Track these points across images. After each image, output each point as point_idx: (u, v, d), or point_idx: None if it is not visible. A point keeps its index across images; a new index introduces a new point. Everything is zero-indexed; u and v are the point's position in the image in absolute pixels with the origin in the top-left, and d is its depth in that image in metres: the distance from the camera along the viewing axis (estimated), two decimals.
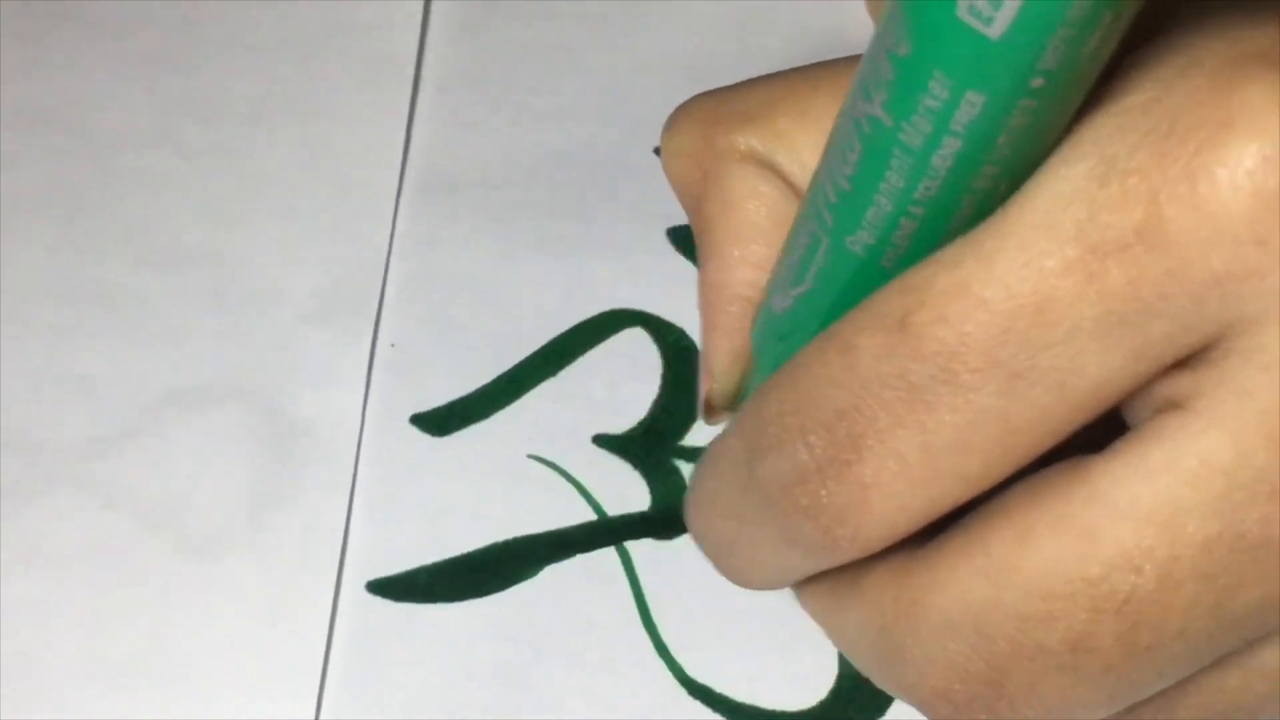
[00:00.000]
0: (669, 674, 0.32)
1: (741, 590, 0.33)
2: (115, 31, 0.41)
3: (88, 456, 0.35)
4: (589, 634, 0.33)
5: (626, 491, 0.35)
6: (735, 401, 0.29)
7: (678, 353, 0.37)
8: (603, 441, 0.35)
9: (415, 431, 0.36)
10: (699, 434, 0.36)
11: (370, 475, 0.35)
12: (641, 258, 0.38)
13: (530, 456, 0.35)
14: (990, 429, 0.23)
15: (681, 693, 0.32)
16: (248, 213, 0.38)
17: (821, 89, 0.27)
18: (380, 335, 0.37)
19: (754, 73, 0.41)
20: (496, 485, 0.35)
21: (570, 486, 0.35)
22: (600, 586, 0.33)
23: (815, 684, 0.32)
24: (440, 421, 0.36)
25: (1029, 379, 0.22)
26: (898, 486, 0.23)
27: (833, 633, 0.27)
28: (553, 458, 0.35)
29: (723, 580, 0.33)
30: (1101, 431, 0.23)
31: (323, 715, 0.32)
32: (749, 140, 0.27)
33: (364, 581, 0.34)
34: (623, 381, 0.36)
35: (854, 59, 0.24)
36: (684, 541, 0.34)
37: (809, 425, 0.24)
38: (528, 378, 0.36)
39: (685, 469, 0.35)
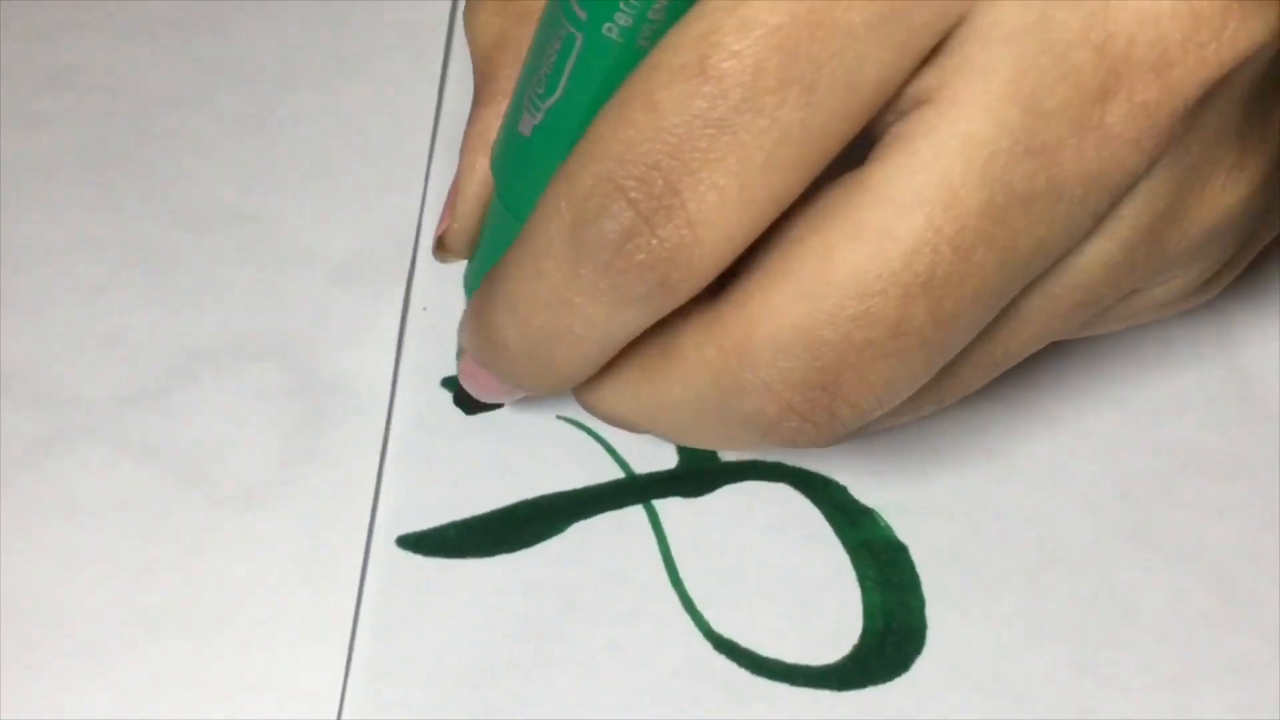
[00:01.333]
0: (695, 629, 0.33)
1: (765, 547, 0.33)
2: None
3: (122, 411, 0.35)
4: (616, 589, 0.33)
5: (654, 451, 0.35)
6: (467, 247, 0.32)
7: None
8: None
9: (446, 394, 0.36)
10: None
11: (401, 434, 0.35)
12: None
13: (559, 417, 0.36)
14: (794, 142, 0.26)
15: (707, 647, 0.33)
16: (281, 175, 0.39)
17: None
18: (412, 298, 0.37)
19: None
20: (526, 445, 0.35)
21: (599, 446, 0.35)
22: (628, 543, 0.34)
23: (839, 640, 0.33)
24: None
25: (821, 88, 0.25)
26: (721, 217, 0.26)
27: (648, 414, 0.30)
28: (581, 418, 0.36)
29: (749, 538, 0.34)
30: (845, 163, 0.26)
31: (353, 667, 0.32)
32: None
33: (394, 536, 0.34)
34: None
35: None
36: (711, 499, 0.35)
37: (628, 184, 0.26)
38: None
39: None
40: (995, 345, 0.29)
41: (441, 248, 0.33)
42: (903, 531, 0.34)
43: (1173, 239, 0.28)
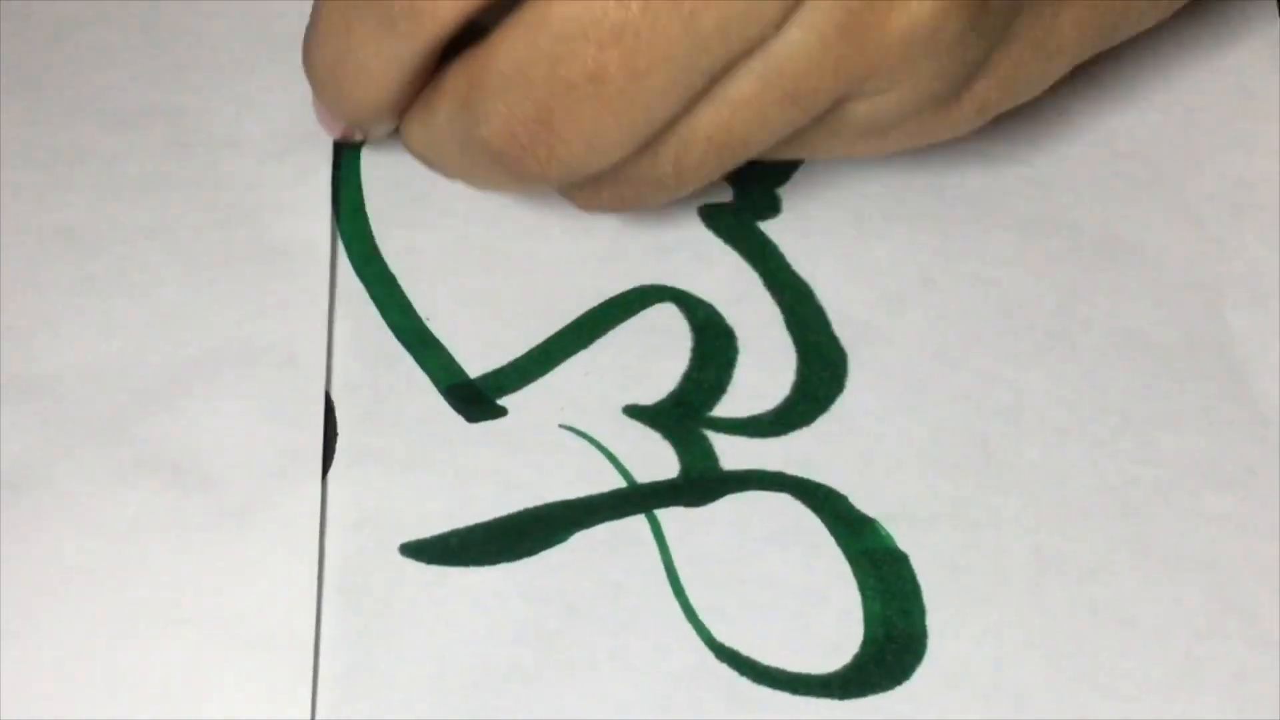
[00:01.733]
0: (697, 638, 0.33)
1: (767, 557, 0.33)
2: None
3: (71, 295, 0.37)
4: (618, 598, 0.33)
5: (656, 460, 0.35)
6: None
7: (707, 327, 0.37)
8: (633, 412, 0.36)
9: (448, 402, 0.36)
10: (727, 406, 0.36)
11: (404, 443, 0.35)
12: (672, 235, 0.39)
13: (562, 426, 0.36)
14: None
15: (709, 656, 0.33)
16: (201, 71, 0.41)
17: None
18: (417, 309, 0.38)
19: None
20: (528, 453, 0.35)
21: (601, 455, 0.36)
22: (630, 552, 0.34)
23: (840, 648, 0.33)
24: (474, 392, 0.36)
25: None
26: None
27: (429, 145, 0.35)
28: (584, 428, 0.36)
29: (751, 547, 0.34)
30: None
31: (353, 674, 0.32)
32: None
33: (398, 544, 0.34)
34: (653, 355, 0.37)
35: None
36: (712, 509, 0.35)
37: None
38: (560, 350, 0.37)
39: (714, 439, 0.36)
40: (714, 124, 0.33)
41: None
42: (903, 541, 0.34)
43: (869, 41, 0.31)
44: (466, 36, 0.33)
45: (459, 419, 0.36)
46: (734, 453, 0.36)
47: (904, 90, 0.33)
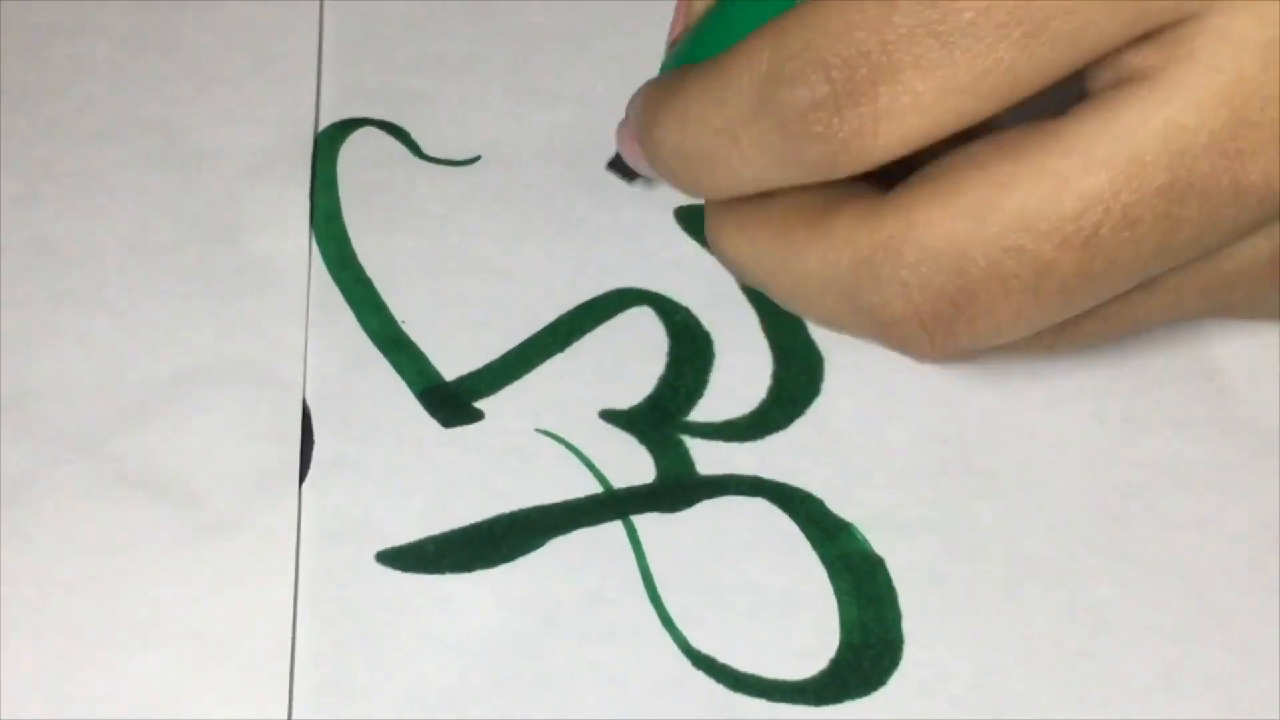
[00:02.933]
0: (673, 645, 0.33)
1: (743, 563, 0.33)
2: None
3: (49, 310, 0.37)
4: (594, 605, 0.33)
5: (632, 465, 0.35)
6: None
7: (683, 331, 0.37)
8: (609, 416, 0.36)
9: (423, 407, 0.36)
10: (703, 410, 0.36)
11: (380, 450, 0.35)
12: (649, 239, 0.38)
13: (538, 431, 0.36)
14: (1000, 76, 0.28)
15: (685, 664, 0.33)
16: (179, 86, 0.41)
17: None
18: (393, 313, 0.38)
19: None
20: (504, 459, 0.35)
21: (577, 460, 0.35)
22: (606, 558, 0.34)
23: (816, 655, 0.33)
24: (449, 396, 0.36)
25: (1043, 36, 0.27)
26: (905, 121, 0.28)
27: (771, 272, 0.32)
28: (560, 432, 0.36)
29: (727, 553, 0.34)
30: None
31: (331, 682, 0.32)
32: None
33: (374, 552, 0.34)
34: (629, 358, 0.37)
35: None
36: (689, 514, 0.35)
37: (833, 60, 0.28)
38: (536, 354, 0.37)
39: (690, 443, 0.36)
40: (1125, 310, 0.31)
41: (669, 43, 0.35)
42: (879, 545, 0.34)
43: None
44: None
45: (434, 424, 0.36)
46: (710, 457, 0.36)
47: None
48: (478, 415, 0.36)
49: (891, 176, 0.30)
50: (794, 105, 0.29)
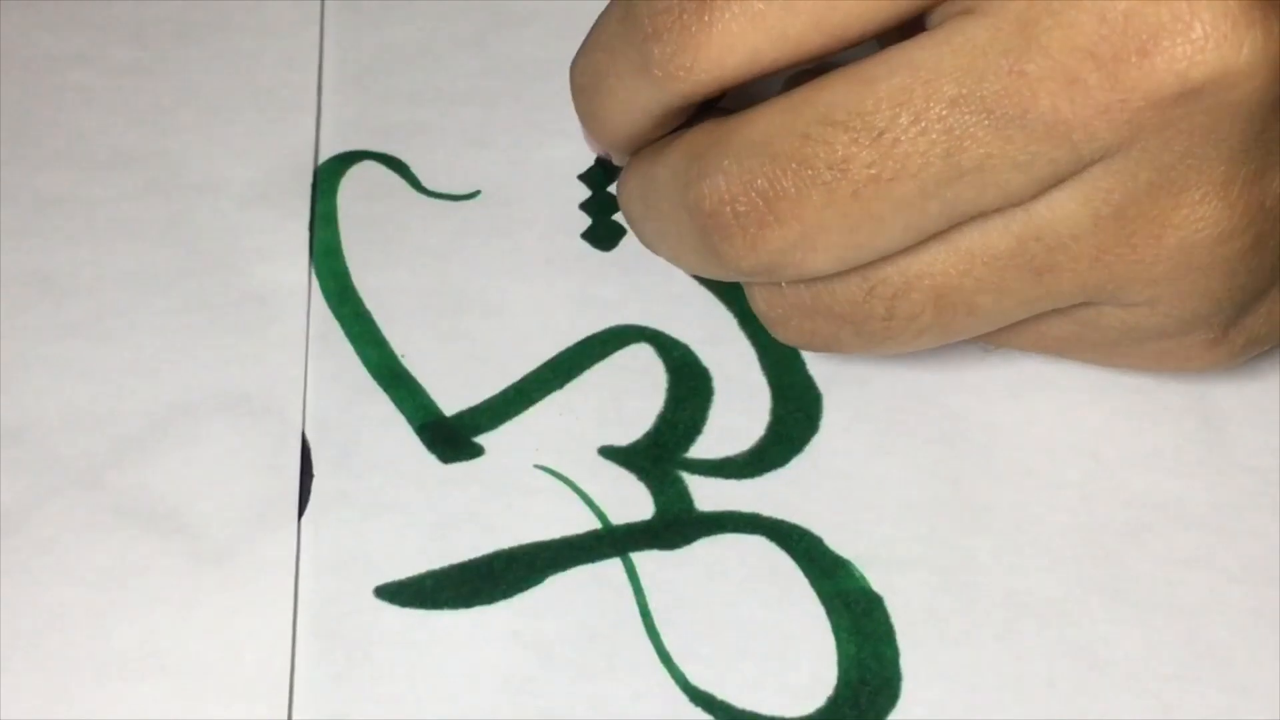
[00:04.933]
0: (671, 681, 0.33)
1: (741, 600, 0.34)
2: None
3: (49, 341, 0.37)
4: (593, 643, 0.33)
5: (631, 502, 0.36)
6: None
7: (682, 368, 0.37)
8: (608, 453, 0.36)
9: (422, 442, 0.36)
10: (702, 447, 0.36)
11: (379, 485, 0.35)
12: (648, 275, 0.39)
13: (537, 467, 0.36)
14: (838, 12, 0.30)
15: (684, 700, 0.33)
16: (179, 117, 0.41)
17: None
18: (393, 347, 0.38)
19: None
20: (504, 495, 0.35)
21: (576, 497, 0.36)
22: (605, 595, 0.34)
23: (814, 692, 0.33)
24: (449, 431, 0.36)
25: None
26: (739, 35, 0.30)
27: (641, 194, 0.34)
28: (559, 469, 0.36)
29: (725, 590, 0.34)
30: None
31: (329, 717, 0.32)
32: None
33: (372, 587, 0.34)
34: (628, 395, 0.37)
35: None
36: (687, 552, 0.35)
37: None
38: (535, 390, 0.37)
39: (689, 480, 0.36)
40: (944, 272, 0.31)
41: None
42: (877, 582, 0.34)
43: (1142, 236, 0.30)
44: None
45: (434, 459, 0.36)
46: (709, 494, 0.36)
47: (1166, 306, 0.31)
48: (477, 451, 0.36)
49: None
50: (645, 12, 0.31)
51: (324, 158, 0.41)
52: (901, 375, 0.37)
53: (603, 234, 0.39)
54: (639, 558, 0.35)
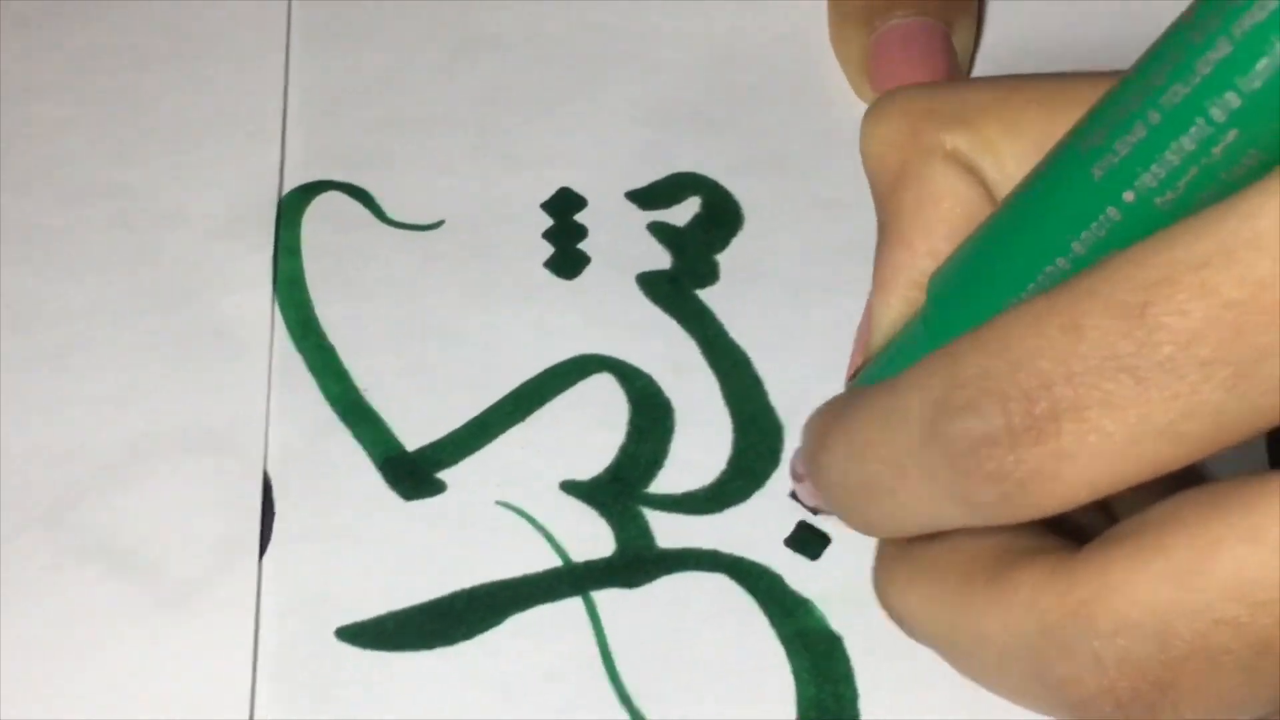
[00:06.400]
0: None
1: (701, 639, 0.34)
2: None
3: (10, 374, 0.37)
4: (552, 683, 0.34)
5: (592, 538, 0.36)
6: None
7: (644, 399, 0.37)
8: (570, 488, 0.36)
9: (385, 481, 0.36)
10: (664, 481, 0.36)
11: (341, 523, 0.36)
12: (611, 304, 0.39)
13: (499, 503, 0.36)
14: (1202, 421, 0.24)
15: None
16: (146, 147, 0.41)
17: (1032, 105, 0.29)
18: (355, 380, 0.38)
19: (723, 122, 0.41)
20: (465, 532, 0.35)
21: (538, 533, 0.36)
22: (565, 635, 0.34)
23: None
24: (411, 467, 0.36)
25: (1252, 380, 0.23)
26: (1093, 464, 0.24)
27: (947, 632, 0.28)
28: (521, 504, 0.36)
29: (686, 629, 0.34)
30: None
31: None
32: (956, 140, 0.29)
33: (334, 628, 0.34)
34: (590, 427, 0.37)
35: (1061, 78, 0.29)
36: (648, 590, 0.35)
37: (1011, 393, 0.25)
38: (497, 423, 0.37)
39: (650, 515, 0.36)
40: None
41: (849, 374, 0.32)
42: (837, 622, 0.34)
43: None
44: None
45: (395, 496, 0.36)
46: (670, 530, 0.36)
47: None
48: (439, 487, 0.36)
49: (1080, 529, 0.27)
50: (964, 437, 0.25)
51: (288, 188, 0.40)
52: None
53: (565, 263, 0.39)
54: (600, 596, 0.35)
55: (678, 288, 0.39)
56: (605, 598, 0.35)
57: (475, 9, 0.43)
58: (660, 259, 0.39)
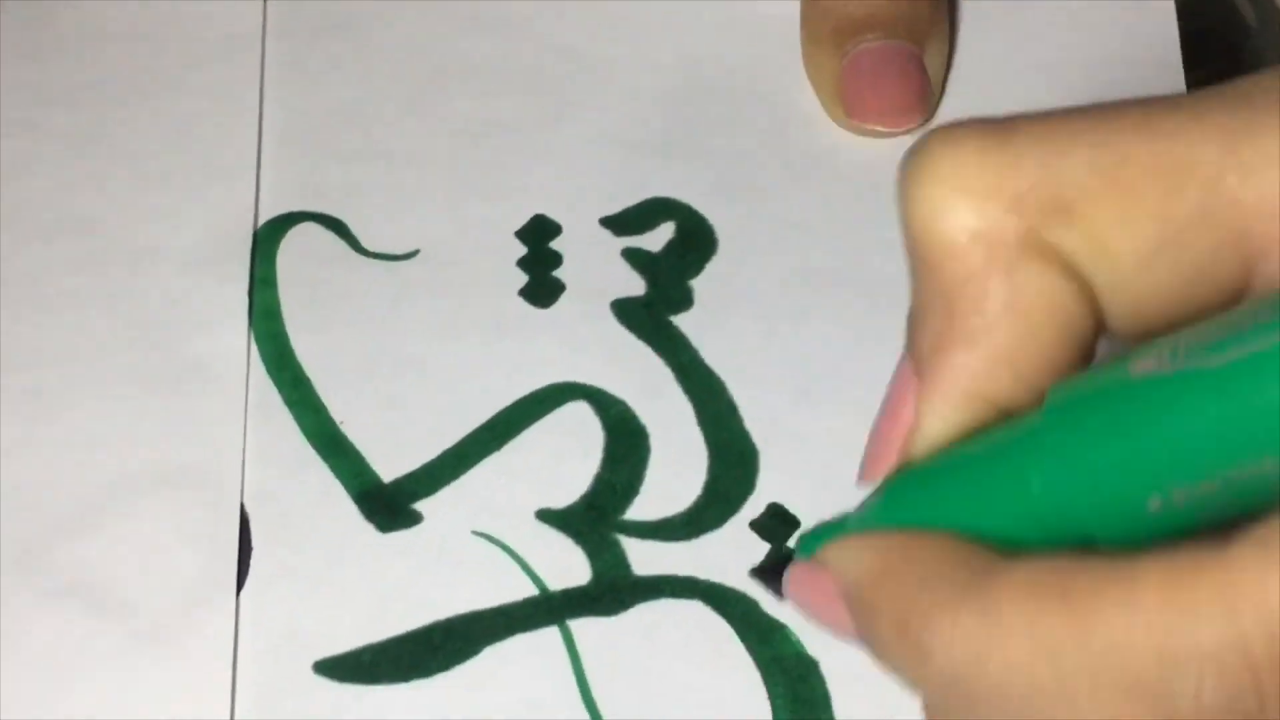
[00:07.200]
0: None
1: (678, 666, 0.34)
2: None
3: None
4: (529, 712, 0.34)
5: (568, 566, 0.36)
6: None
7: (619, 425, 0.38)
8: (545, 516, 0.36)
9: (360, 513, 0.36)
10: (639, 508, 0.37)
11: (318, 557, 0.36)
12: (585, 331, 0.39)
13: (475, 533, 0.36)
14: None
15: None
16: (118, 181, 0.41)
17: (1148, 178, 0.22)
18: (331, 413, 0.38)
19: (697, 147, 0.41)
20: (441, 563, 0.36)
21: (514, 563, 0.36)
22: (542, 664, 0.34)
23: None
24: (387, 499, 0.36)
25: None
26: None
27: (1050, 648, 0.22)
28: (497, 534, 0.36)
29: (662, 656, 0.34)
30: None
31: None
32: (1066, 238, 0.23)
33: (311, 662, 0.34)
34: (565, 455, 0.37)
35: (1159, 122, 0.22)
36: (624, 617, 0.35)
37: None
38: (473, 453, 0.37)
39: (625, 543, 0.36)
40: None
41: (869, 476, 0.27)
42: (813, 647, 0.35)
43: None
44: None
45: (372, 528, 0.36)
46: (646, 557, 0.36)
47: None
48: (415, 518, 0.36)
49: None
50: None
51: (263, 219, 0.41)
52: (837, 427, 0.37)
53: (540, 291, 0.39)
54: (576, 625, 0.35)
55: (652, 314, 0.39)
56: (582, 626, 0.35)
57: (445, 40, 0.43)
58: (635, 285, 0.40)
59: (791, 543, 0.36)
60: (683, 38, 0.43)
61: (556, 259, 0.40)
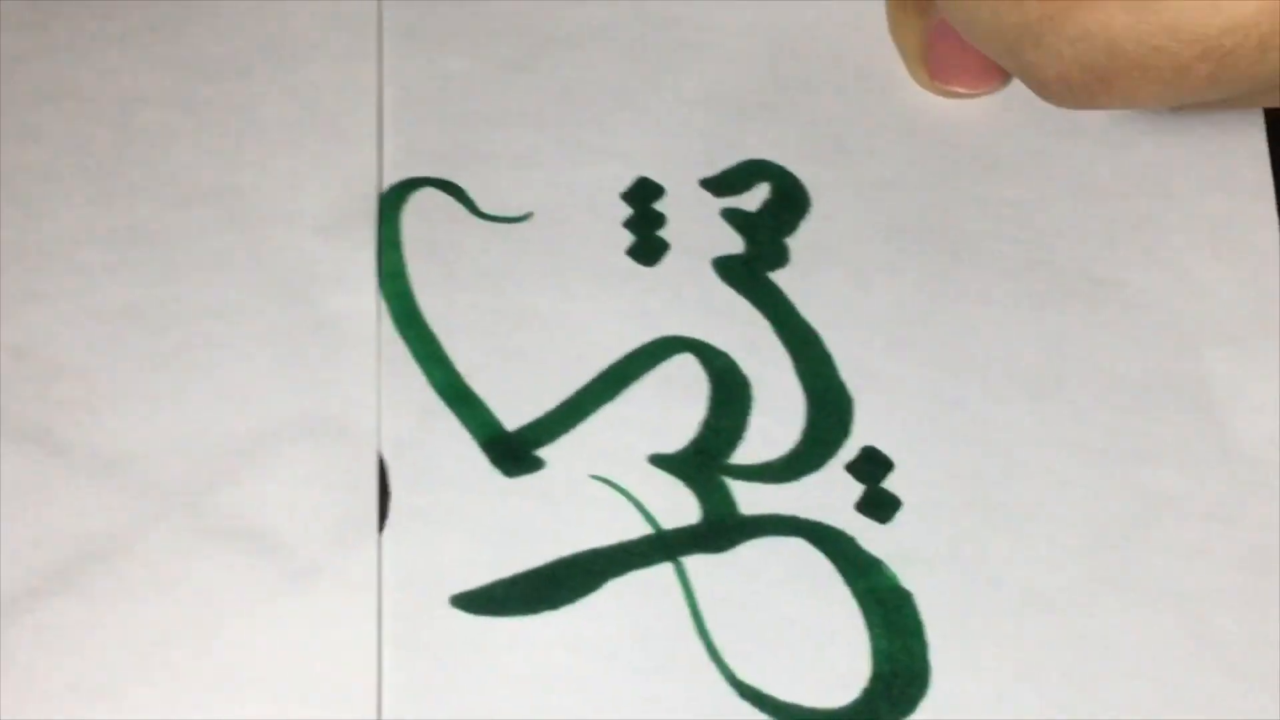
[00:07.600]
0: (720, 677, 0.37)
1: (782, 599, 0.37)
2: (107, 11, 0.45)
3: (141, 372, 0.40)
4: (648, 643, 0.37)
5: (680, 507, 0.39)
6: None
7: (724, 376, 0.40)
8: (658, 461, 0.39)
9: (486, 457, 0.39)
10: (744, 452, 0.39)
11: (450, 500, 0.39)
12: (690, 289, 0.41)
13: (593, 477, 0.39)
14: None
15: (732, 695, 0.36)
16: (251, 151, 0.44)
17: None
18: (457, 367, 0.41)
19: (788, 111, 0.44)
20: (563, 505, 0.39)
21: (630, 504, 0.39)
22: (658, 598, 0.37)
23: (850, 684, 0.36)
24: (512, 446, 0.39)
25: None
26: None
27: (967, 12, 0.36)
28: (614, 478, 0.39)
29: (767, 590, 0.37)
30: None
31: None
32: None
33: (448, 596, 0.38)
34: (674, 404, 0.40)
35: None
36: (732, 554, 0.38)
37: None
38: (589, 403, 0.40)
39: (731, 485, 0.39)
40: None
41: None
42: (907, 580, 0.38)
43: None
44: None
45: (499, 474, 0.39)
46: (751, 498, 0.39)
47: None
48: (538, 464, 0.39)
49: None
50: None
51: (386, 185, 0.43)
52: (926, 377, 0.40)
53: (646, 251, 0.42)
54: (688, 561, 0.38)
55: (751, 271, 0.42)
56: (693, 562, 0.38)
57: (553, 9, 0.46)
58: (734, 243, 0.42)
59: (884, 484, 0.39)
60: (774, 6, 0.46)
61: (660, 219, 0.43)
